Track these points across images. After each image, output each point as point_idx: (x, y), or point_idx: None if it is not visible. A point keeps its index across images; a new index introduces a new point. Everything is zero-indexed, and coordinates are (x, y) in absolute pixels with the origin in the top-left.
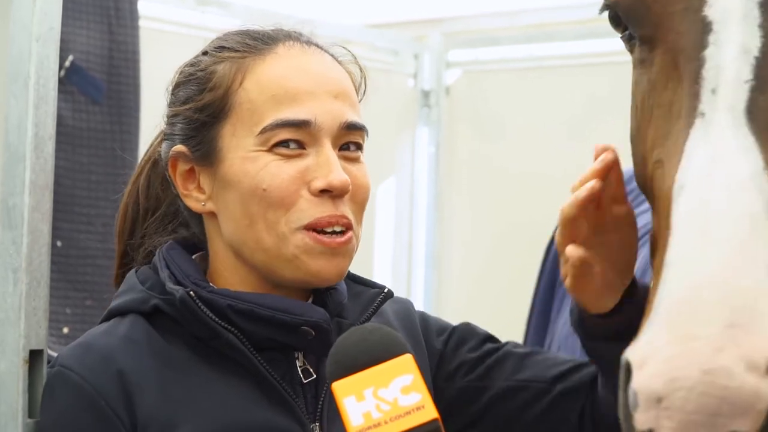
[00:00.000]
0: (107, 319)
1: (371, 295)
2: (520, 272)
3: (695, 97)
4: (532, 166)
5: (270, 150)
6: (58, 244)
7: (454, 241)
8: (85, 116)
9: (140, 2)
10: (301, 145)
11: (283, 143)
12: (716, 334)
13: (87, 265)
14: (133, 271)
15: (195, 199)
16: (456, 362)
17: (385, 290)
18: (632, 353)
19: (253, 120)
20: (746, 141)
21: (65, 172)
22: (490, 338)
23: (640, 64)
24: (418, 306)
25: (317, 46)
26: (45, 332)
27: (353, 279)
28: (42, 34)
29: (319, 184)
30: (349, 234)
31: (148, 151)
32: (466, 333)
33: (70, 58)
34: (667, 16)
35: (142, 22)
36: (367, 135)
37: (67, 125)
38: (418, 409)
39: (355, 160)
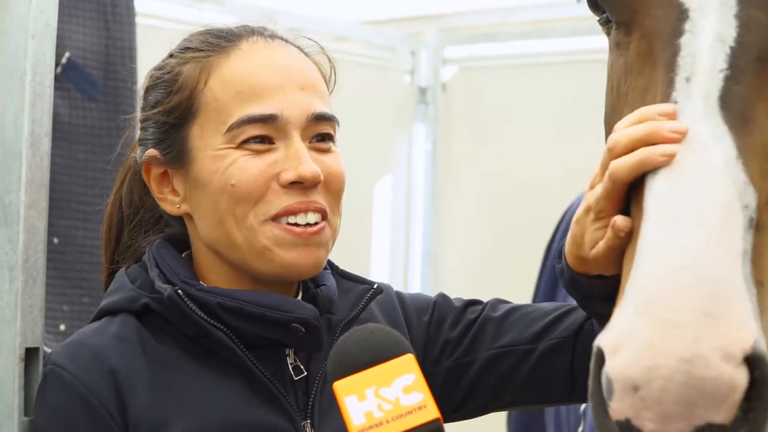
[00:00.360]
0: (98, 318)
1: (361, 292)
2: (517, 268)
3: (669, 84)
4: (529, 162)
5: (239, 147)
6: (55, 241)
7: (451, 238)
8: (81, 113)
9: None
10: (269, 140)
11: (253, 139)
12: (693, 321)
13: (84, 262)
14: (123, 269)
15: (170, 202)
16: (440, 344)
17: (375, 286)
18: (604, 339)
19: (220, 119)
20: (719, 129)
21: (62, 169)
22: (470, 304)
23: (616, 48)
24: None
25: (282, 38)
26: (41, 330)
27: (342, 275)
28: (38, 31)
29: (288, 176)
30: (323, 223)
31: (126, 161)
32: (444, 309)
33: (67, 54)
34: (645, 1)
35: (138, 19)
36: (338, 125)
37: (63, 122)
38: (419, 408)
39: (327, 150)
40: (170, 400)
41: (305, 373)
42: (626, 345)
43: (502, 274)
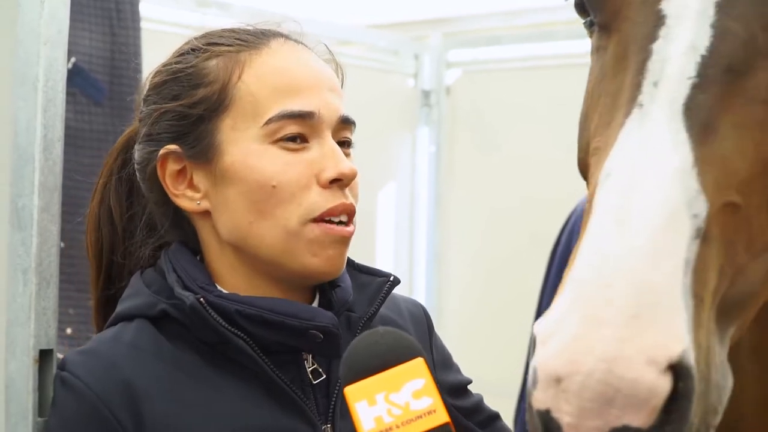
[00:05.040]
0: (114, 323)
1: (378, 285)
2: (522, 273)
3: (637, 87)
4: (533, 165)
5: (275, 143)
6: (62, 245)
7: (456, 241)
8: (87, 117)
9: (141, 4)
10: (303, 138)
11: (288, 137)
12: (621, 322)
13: (89, 266)
14: (137, 273)
15: (189, 199)
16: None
17: (391, 278)
18: (539, 328)
19: (257, 112)
20: (679, 136)
21: (68, 174)
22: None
23: (596, 51)
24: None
25: (304, 44)
26: (54, 332)
27: (357, 268)
28: (50, 37)
29: (330, 174)
30: (352, 224)
31: (106, 168)
32: (456, 377)
33: (73, 59)
34: (626, 4)
35: (143, 24)
36: (355, 129)
37: (69, 127)
38: (429, 413)
39: (348, 155)
40: (191, 406)
41: (324, 377)
42: (555, 336)
43: (507, 277)
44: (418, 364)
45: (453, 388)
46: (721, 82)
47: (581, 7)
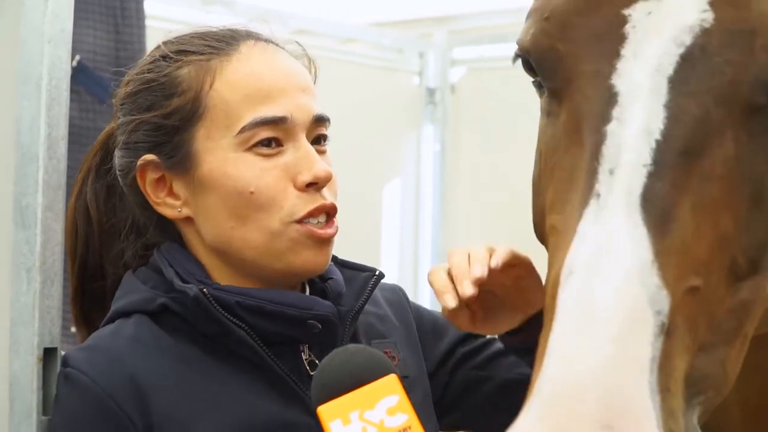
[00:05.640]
0: (111, 320)
1: (364, 279)
2: None
3: (593, 174)
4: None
5: (249, 149)
6: None
7: (460, 239)
8: (91, 116)
9: (146, 2)
10: (278, 143)
11: (263, 142)
12: None
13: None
14: (129, 272)
15: (169, 206)
16: (454, 359)
17: (377, 272)
18: None
19: (230, 120)
20: (637, 231)
21: (72, 172)
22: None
23: (546, 115)
24: (426, 304)
25: (274, 43)
26: (59, 330)
27: (341, 264)
28: (54, 36)
29: (305, 177)
30: (335, 222)
31: (85, 165)
32: (456, 332)
33: (77, 57)
34: (577, 74)
35: (148, 22)
36: (329, 124)
37: (74, 125)
38: (404, 430)
39: (323, 152)
40: (195, 399)
41: None
42: None
43: None
44: (391, 380)
45: (457, 343)
46: (676, 166)
47: (528, 66)
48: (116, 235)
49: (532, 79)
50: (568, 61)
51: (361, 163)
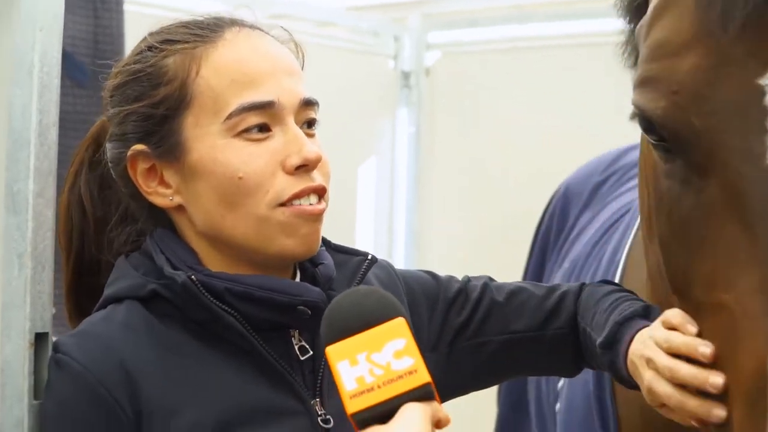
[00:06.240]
0: (103, 306)
1: (356, 264)
2: (501, 252)
3: None
4: (512, 146)
5: (238, 135)
6: None
7: (435, 220)
8: (71, 100)
9: None
10: (266, 128)
11: (251, 128)
12: None
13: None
14: (122, 257)
15: (161, 195)
16: (455, 327)
17: (369, 257)
18: None
19: (217, 106)
20: None
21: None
22: (468, 282)
23: (680, 183)
24: None
25: (259, 29)
26: (50, 315)
27: (336, 249)
28: (46, 24)
29: (294, 160)
30: (323, 202)
31: (77, 156)
32: (449, 293)
33: None
34: (722, 150)
35: (126, 6)
36: (318, 108)
37: None
38: (410, 373)
39: (313, 135)
40: (183, 385)
41: (311, 353)
42: None
43: (486, 256)
44: (400, 323)
45: (448, 310)
46: None
47: (648, 127)
48: (109, 226)
49: (651, 140)
50: (707, 136)
51: (336, 145)
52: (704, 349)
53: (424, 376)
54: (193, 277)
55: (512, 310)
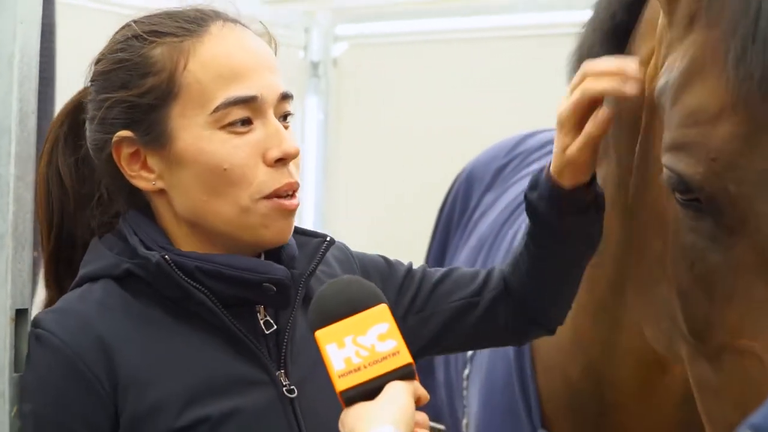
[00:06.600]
0: (79, 284)
1: (315, 245)
2: (406, 234)
3: None
4: (414, 132)
5: (223, 128)
6: None
7: (341, 202)
8: None
9: None
10: (249, 120)
11: (235, 121)
12: None
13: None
14: (95, 238)
15: (144, 179)
16: (405, 304)
17: (328, 239)
18: None
19: (203, 99)
20: None
21: None
22: (411, 268)
23: (707, 239)
24: None
25: (240, 23)
26: (29, 292)
27: (296, 230)
28: (25, 17)
29: (275, 154)
30: (296, 197)
31: (50, 134)
32: (398, 275)
33: None
34: (754, 215)
35: None
36: (293, 100)
37: None
38: (393, 354)
39: (288, 127)
40: (157, 359)
41: (275, 327)
42: None
43: (392, 240)
44: (382, 309)
45: (399, 289)
46: None
47: (683, 188)
48: (87, 204)
49: (682, 199)
50: (741, 203)
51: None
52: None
53: (406, 357)
54: (166, 256)
55: (451, 283)
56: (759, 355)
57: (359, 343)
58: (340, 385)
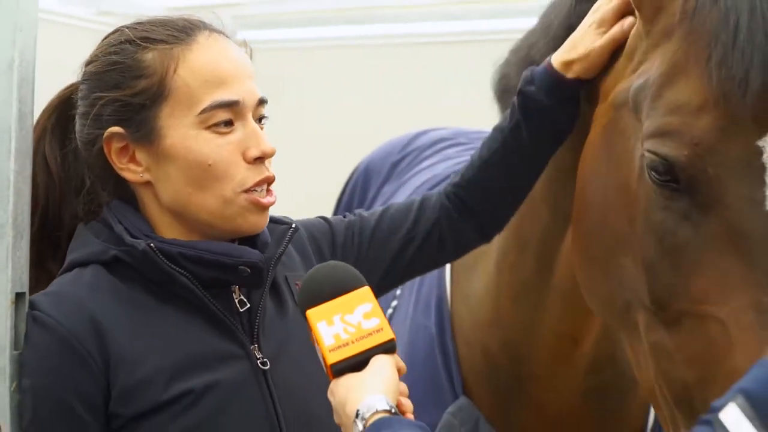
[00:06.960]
0: (69, 269)
1: (282, 231)
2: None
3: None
4: (316, 132)
5: (208, 128)
6: None
7: None
8: None
9: None
10: (231, 122)
11: (219, 122)
12: None
13: None
14: (81, 225)
15: (132, 171)
16: (351, 258)
17: (293, 225)
18: None
19: (191, 101)
20: None
21: None
22: (350, 220)
23: (678, 216)
24: None
25: (222, 33)
26: (27, 277)
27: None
28: (24, 25)
29: (254, 153)
30: (273, 192)
31: (38, 126)
32: (340, 230)
33: None
34: (728, 196)
35: None
36: (267, 104)
37: None
38: (377, 331)
39: (262, 129)
40: (145, 338)
41: (248, 305)
42: None
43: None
44: (366, 291)
45: (347, 237)
46: None
47: (666, 169)
48: (72, 191)
49: (659, 179)
50: (717, 183)
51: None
52: None
53: (389, 334)
54: (151, 244)
55: (386, 225)
56: (722, 319)
57: (347, 321)
58: (331, 358)
